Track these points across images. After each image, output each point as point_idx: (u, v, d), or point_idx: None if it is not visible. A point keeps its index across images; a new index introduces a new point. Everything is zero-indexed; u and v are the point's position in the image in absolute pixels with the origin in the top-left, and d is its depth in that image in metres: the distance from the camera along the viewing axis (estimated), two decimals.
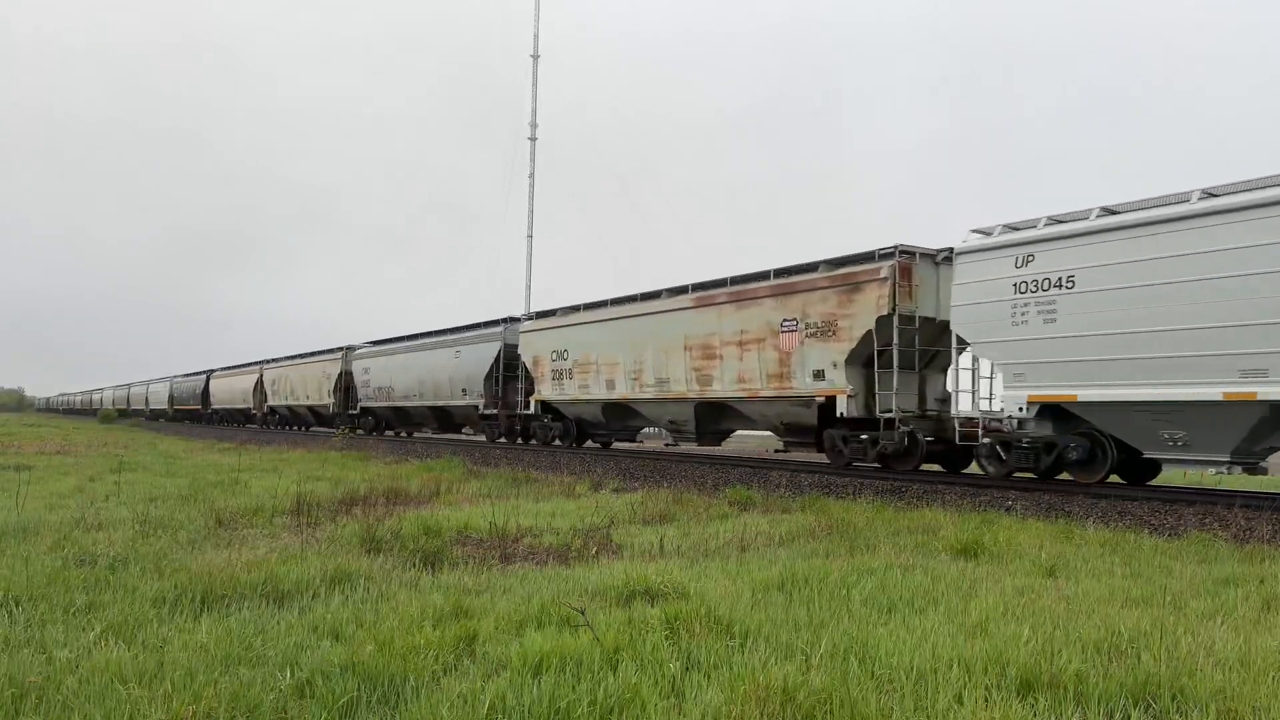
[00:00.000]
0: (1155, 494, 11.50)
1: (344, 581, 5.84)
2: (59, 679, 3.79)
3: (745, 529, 8.68)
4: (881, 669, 3.98)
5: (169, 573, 6.03)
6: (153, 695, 3.60)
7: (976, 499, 11.35)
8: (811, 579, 5.91)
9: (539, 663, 3.99)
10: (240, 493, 11.87)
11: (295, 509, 9.38)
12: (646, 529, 8.90)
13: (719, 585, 5.79)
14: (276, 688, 3.74)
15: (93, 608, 5.11)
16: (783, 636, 4.51)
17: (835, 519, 9.19)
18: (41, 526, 7.98)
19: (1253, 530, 8.58)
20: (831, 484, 13.31)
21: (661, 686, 3.77)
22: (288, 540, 7.65)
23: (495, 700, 3.53)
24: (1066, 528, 8.64)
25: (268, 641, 4.45)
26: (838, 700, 3.54)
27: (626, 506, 10.55)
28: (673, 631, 4.58)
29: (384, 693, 3.73)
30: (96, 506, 9.60)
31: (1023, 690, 3.78)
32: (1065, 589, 5.83)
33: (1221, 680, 3.81)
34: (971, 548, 7.33)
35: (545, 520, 9.36)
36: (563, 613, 4.86)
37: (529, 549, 7.63)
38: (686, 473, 15.42)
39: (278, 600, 5.42)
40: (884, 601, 5.39)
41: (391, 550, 7.06)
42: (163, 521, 8.56)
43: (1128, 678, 3.82)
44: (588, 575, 6.19)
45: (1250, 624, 4.95)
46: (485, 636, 4.53)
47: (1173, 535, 8.65)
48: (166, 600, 5.30)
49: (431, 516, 9.09)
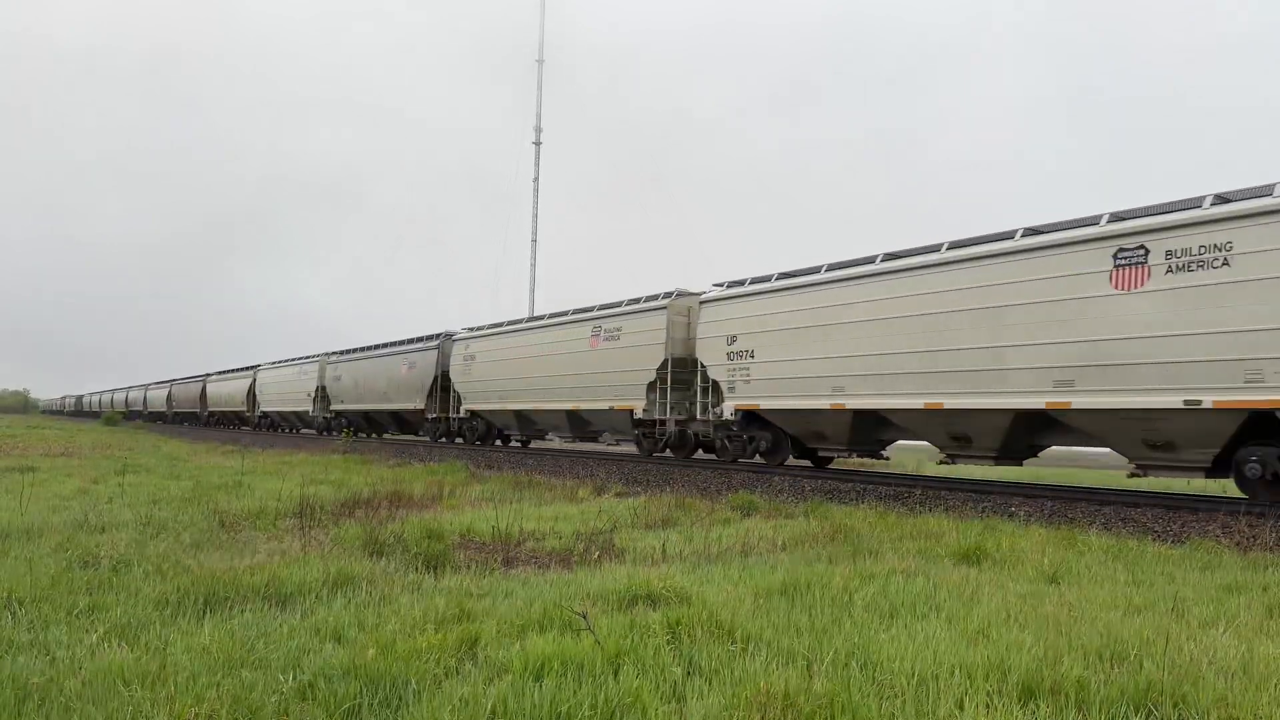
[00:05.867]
0: (1158, 501, 11.49)
1: (346, 584, 5.85)
2: (61, 680, 3.80)
3: (748, 534, 8.68)
4: (883, 675, 3.98)
5: (172, 575, 6.04)
6: (155, 697, 3.60)
7: (979, 505, 11.34)
8: (814, 584, 5.91)
9: (541, 666, 3.99)
10: (244, 495, 11.89)
11: (298, 512, 9.39)
12: (649, 533, 8.90)
13: (721, 590, 5.79)
14: (278, 690, 3.75)
15: (95, 609, 5.12)
16: (785, 642, 4.51)
17: (838, 524, 9.18)
18: (45, 528, 8.00)
19: (1256, 538, 8.56)
20: (835, 489, 13.30)
21: (663, 691, 3.77)
22: (290, 543, 7.66)
23: (497, 704, 3.53)
24: (1069, 534, 8.63)
25: (270, 644, 4.45)
26: (839, 706, 3.54)
27: (629, 511, 10.55)
28: (675, 636, 4.58)
29: (386, 696, 3.73)
30: (100, 508, 9.62)
31: (1024, 697, 3.77)
32: (1068, 595, 5.82)
33: (1224, 688, 3.80)
34: (974, 554, 7.33)
35: (548, 524, 9.37)
36: (565, 617, 4.86)
37: (531, 553, 7.64)
38: (689, 477, 15.42)
39: (280, 603, 5.43)
40: (886, 607, 5.38)
41: (394, 553, 7.07)
42: (166, 524, 8.58)
43: (1130, 685, 3.81)
44: (590, 579, 6.20)
45: (1253, 631, 4.93)
46: (487, 640, 4.54)
47: (1176, 542, 8.63)
48: (169, 602, 5.31)
49: (434, 520, 9.09)
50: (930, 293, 13.19)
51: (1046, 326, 11.60)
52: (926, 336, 13.12)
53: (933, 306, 13.10)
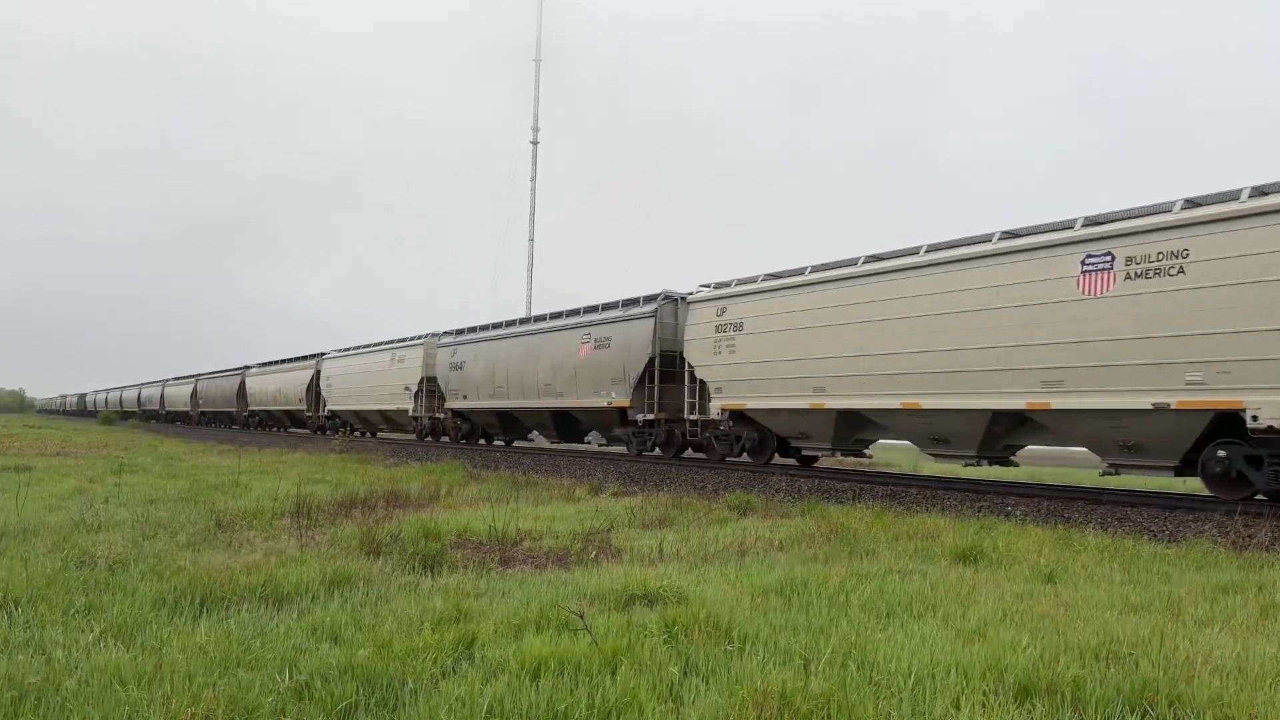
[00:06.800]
0: (1154, 500, 11.52)
1: (343, 584, 5.85)
2: (58, 680, 3.79)
3: (745, 534, 8.69)
4: (880, 674, 3.98)
5: (168, 575, 6.04)
6: (151, 697, 3.60)
7: (976, 505, 11.36)
8: (811, 584, 5.92)
9: (538, 666, 4.00)
10: (240, 495, 11.88)
11: (295, 511, 9.38)
12: (646, 533, 8.91)
13: (718, 590, 5.79)
14: (275, 690, 3.75)
15: (92, 609, 5.12)
16: (781, 641, 4.52)
17: (835, 524, 9.20)
18: (41, 528, 7.99)
19: (1251, 537, 8.58)
20: (832, 489, 13.31)
21: (660, 691, 3.78)
22: (287, 543, 7.66)
23: (494, 703, 3.53)
24: (1066, 534, 8.65)
25: (267, 644, 4.45)
26: (836, 705, 3.55)
27: (626, 510, 10.56)
28: (671, 636, 4.59)
29: (383, 695, 3.73)
30: (96, 508, 9.60)
31: (1020, 696, 3.78)
32: (1064, 595, 5.83)
33: (1219, 687, 3.82)
34: (971, 553, 7.34)
35: (545, 524, 9.37)
36: (562, 616, 4.87)
37: (529, 552, 7.64)
38: (687, 477, 15.42)
39: (277, 603, 5.43)
40: (883, 607, 5.39)
41: (391, 553, 7.06)
42: (162, 523, 8.57)
43: (1125, 684, 3.82)
44: (587, 579, 6.20)
45: (1248, 630, 4.95)
46: (484, 640, 4.54)
47: (1171, 542, 8.65)
48: (166, 602, 5.30)
49: (431, 519, 9.09)
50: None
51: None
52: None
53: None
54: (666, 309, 19.10)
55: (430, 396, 28.82)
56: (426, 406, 28.97)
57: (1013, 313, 11.83)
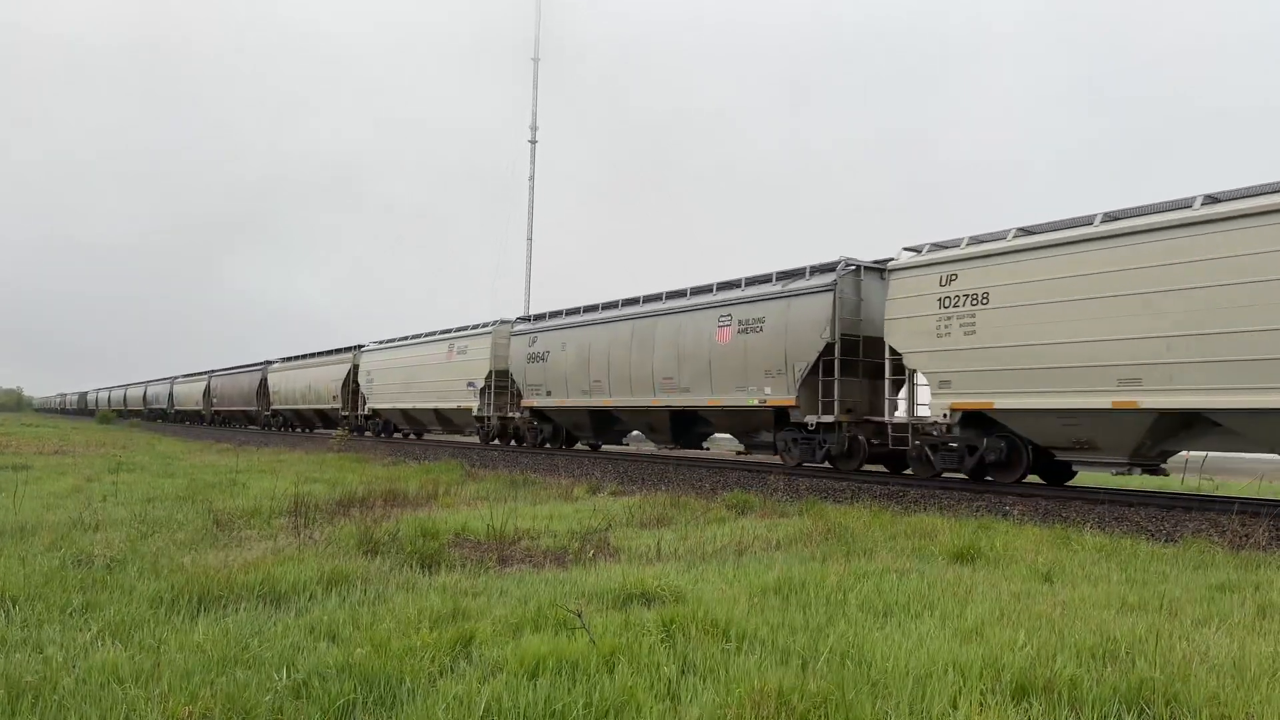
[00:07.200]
0: (1152, 500, 11.53)
1: (341, 583, 5.85)
2: (55, 679, 3.79)
3: (742, 533, 8.69)
4: (877, 673, 3.99)
5: (166, 573, 6.04)
6: (149, 695, 3.60)
7: (974, 504, 11.37)
8: (808, 583, 5.92)
9: (535, 665, 4.00)
10: (238, 494, 11.88)
11: (293, 510, 9.38)
12: (644, 532, 8.91)
13: (716, 589, 5.79)
14: (273, 689, 3.75)
15: (90, 608, 5.12)
16: (779, 640, 4.52)
17: (832, 523, 9.20)
18: (39, 526, 7.99)
19: (1249, 537, 8.59)
20: (829, 489, 13.32)
21: (657, 690, 3.78)
22: (285, 541, 7.65)
23: (491, 702, 3.54)
24: (1063, 533, 8.65)
25: (264, 642, 4.45)
26: (833, 704, 3.55)
27: (624, 510, 10.56)
28: (669, 635, 4.59)
29: (380, 694, 3.73)
30: (94, 507, 9.59)
31: (1018, 695, 3.79)
32: (1061, 594, 5.84)
33: (1215, 686, 3.82)
34: (968, 553, 7.35)
35: (543, 523, 9.37)
36: (560, 615, 4.87)
37: (526, 551, 7.64)
38: (684, 476, 15.43)
39: (275, 601, 5.43)
40: (880, 606, 5.40)
41: (389, 552, 7.06)
42: (160, 522, 8.56)
43: (1122, 683, 3.83)
44: (585, 578, 6.20)
45: (1245, 630, 4.96)
46: (482, 639, 4.54)
47: (1169, 541, 8.66)
48: (163, 601, 5.30)
49: (429, 519, 9.09)
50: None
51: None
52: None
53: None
54: (847, 281, 15.30)
55: (500, 393, 25.35)
56: (495, 405, 25.40)
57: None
